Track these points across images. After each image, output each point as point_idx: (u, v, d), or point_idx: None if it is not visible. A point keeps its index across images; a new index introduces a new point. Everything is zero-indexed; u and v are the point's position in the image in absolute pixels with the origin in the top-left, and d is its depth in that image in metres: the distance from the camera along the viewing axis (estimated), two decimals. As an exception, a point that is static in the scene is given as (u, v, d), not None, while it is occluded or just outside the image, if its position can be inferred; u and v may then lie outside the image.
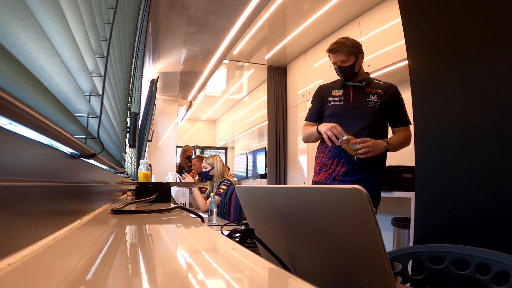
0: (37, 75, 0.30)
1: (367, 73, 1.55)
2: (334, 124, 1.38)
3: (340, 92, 1.51)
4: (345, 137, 1.34)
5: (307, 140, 1.60)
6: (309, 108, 1.62)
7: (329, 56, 1.49)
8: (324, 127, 1.41)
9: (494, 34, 1.03)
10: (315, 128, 1.49)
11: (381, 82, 1.51)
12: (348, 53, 1.42)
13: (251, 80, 5.10)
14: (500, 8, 1.01)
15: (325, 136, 1.40)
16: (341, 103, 1.48)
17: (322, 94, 1.56)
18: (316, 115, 1.57)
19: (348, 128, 1.39)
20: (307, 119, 1.62)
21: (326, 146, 1.48)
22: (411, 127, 1.34)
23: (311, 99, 1.63)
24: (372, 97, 1.45)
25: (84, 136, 0.49)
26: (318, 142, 1.59)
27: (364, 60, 1.51)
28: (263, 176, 5.08)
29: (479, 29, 1.07)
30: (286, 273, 0.24)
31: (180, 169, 4.32)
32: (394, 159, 2.68)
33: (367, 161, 1.38)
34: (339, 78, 1.53)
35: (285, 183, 4.28)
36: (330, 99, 1.51)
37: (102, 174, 0.72)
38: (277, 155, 4.37)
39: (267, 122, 4.48)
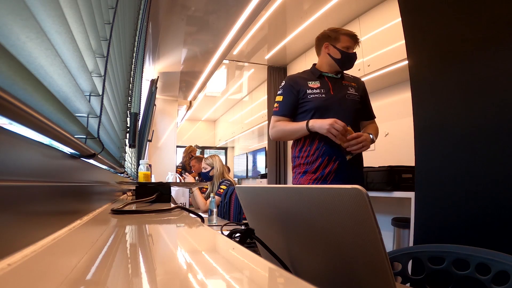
0: (37, 75, 0.31)
1: None
2: (332, 120, 1.22)
3: (317, 84, 1.37)
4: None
5: (284, 137, 1.41)
6: (279, 101, 1.40)
7: (340, 40, 1.37)
8: (323, 125, 1.24)
9: (494, 34, 1.03)
10: (301, 124, 1.32)
11: (350, 76, 1.46)
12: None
13: (251, 80, 5.10)
14: (500, 8, 1.01)
15: (330, 136, 1.23)
16: (323, 95, 1.34)
17: (297, 85, 1.37)
18: (292, 109, 1.37)
19: None
20: (279, 113, 1.39)
21: (311, 144, 1.33)
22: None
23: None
24: (351, 90, 1.38)
25: (84, 136, 0.49)
26: (294, 141, 1.41)
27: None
28: (263, 176, 5.08)
29: (479, 29, 1.07)
30: (286, 273, 0.24)
31: (183, 169, 4.31)
32: (394, 159, 2.68)
33: (354, 157, 1.30)
34: (307, 69, 1.45)
35: (285, 183, 4.28)
36: (309, 91, 1.35)
37: (102, 174, 0.72)
38: (277, 155, 4.37)
39: (267, 122, 4.49)
